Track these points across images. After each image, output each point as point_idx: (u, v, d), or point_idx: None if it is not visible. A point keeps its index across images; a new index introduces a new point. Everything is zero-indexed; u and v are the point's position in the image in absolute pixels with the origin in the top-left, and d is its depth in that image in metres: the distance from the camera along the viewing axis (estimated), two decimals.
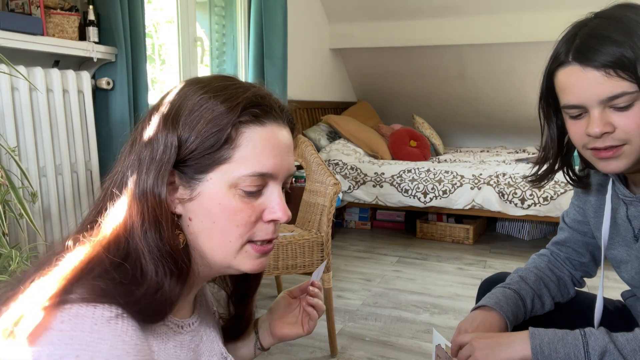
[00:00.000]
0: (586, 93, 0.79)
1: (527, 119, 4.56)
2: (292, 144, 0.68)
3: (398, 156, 3.96)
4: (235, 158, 0.61)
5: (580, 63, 0.78)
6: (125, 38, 2.02)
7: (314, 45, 4.29)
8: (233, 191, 0.61)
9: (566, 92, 0.82)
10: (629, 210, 0.94)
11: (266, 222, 0.65)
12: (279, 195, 0.65)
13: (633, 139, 0.79)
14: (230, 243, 0.63)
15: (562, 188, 3.03)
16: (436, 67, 4.55)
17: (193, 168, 0.61)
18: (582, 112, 0.82)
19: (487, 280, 1.18)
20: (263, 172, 0.62)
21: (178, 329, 0.66)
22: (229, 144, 0.60)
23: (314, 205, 1.97)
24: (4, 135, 1.64)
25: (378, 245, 3.45)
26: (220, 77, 0.66)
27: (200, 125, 0.60)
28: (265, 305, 2.38)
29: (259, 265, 0.66)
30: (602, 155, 0.82)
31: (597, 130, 0.79)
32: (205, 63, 3.01)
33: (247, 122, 0.62)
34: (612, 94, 0.77)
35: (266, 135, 0.63)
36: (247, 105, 0.62)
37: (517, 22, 3.97)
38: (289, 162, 0.66)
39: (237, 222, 0.62)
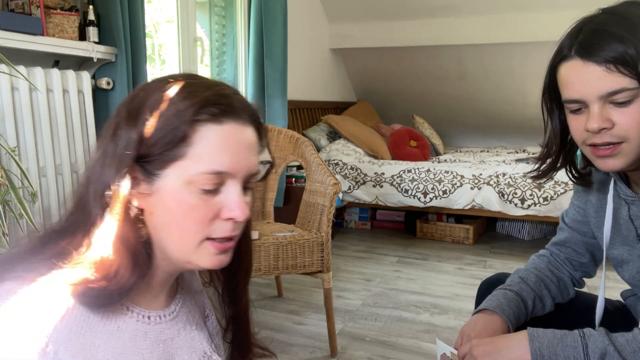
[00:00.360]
0: (586, 88, 0.79)
1: (527, 119, 4.56)
2: (254, 143, 0.67)
3: (398, 156, 3.96)
4: (190, 155, 0.62)
5: (582, 58, 0.79)
6: (125, 38, 2.02)
7: (314, 45, 4.29)
8: (190, 188, 0.62)
9: (567, 87, 0.82)
10: (631, 210, 0.93)
11: (224, 219, 0.65)
12: (237, 193, 0.65)
13: (631, 137, 0.79)
14: (188, 239, 0.64)
15: (562, 188, 3.03)
16: (436, 67, 4.55)
17: (152, 164, 0.62)
18: (582, 107, 0.82)
19: (486, 281, 1.18)
20: (218, 170, 0.63)
21: (142, 319, 0.67)
22: (184, 141, 0.61)
23: (314, 205, 1.97)
24: (4, 135, 1.64)
25: (378, 245, 3.45)
26: (187, 75, 0.67)
27: (159, 122, 0.61)
28: (265, 306, 2.38)
29: (218, 262, 0.67)
30: (600, 154, 0.82)
31: (595, 126, 0.79)
32: (205, 63, 3.02)
33: (204, 121, 0.62)
34: (612, 89, 0.77)
35: (223, 133, 0.63)
36: (205, 103, 0.62)
37: (517, 22, 3.97)
38: (249, 161, 0.66)
39: (194, 219, 0.63)
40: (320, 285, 2.55)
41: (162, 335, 0.70)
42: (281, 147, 2.35)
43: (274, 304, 2.40)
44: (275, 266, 1.80)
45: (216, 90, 0.65)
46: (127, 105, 0.65)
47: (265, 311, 2.32)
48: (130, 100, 0.65)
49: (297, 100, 3.87)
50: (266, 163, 2.34)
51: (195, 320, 0.78)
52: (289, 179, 3.27)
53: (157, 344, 0.68)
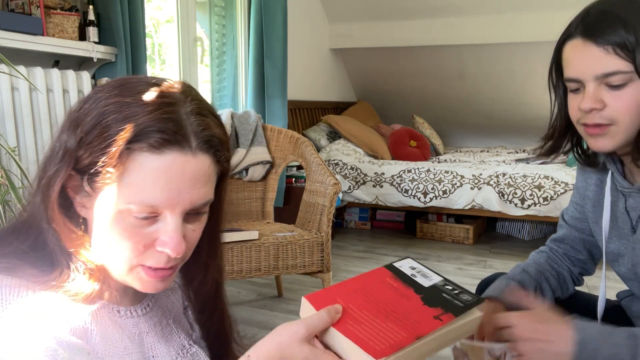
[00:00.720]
0: (584, 67, 0.82)
1: (527, 119, 4.56)
2: (203, 174, 0.60)
3: (398, 156, 3.96)
4: (123, 183, 0.57)
5: (584, 37, 0.81)
6: (125, 38, 2.02)
7: (314, 45, 4.29)
8: (124, 215, 0.58)
9: (568, 65, 0.85)
10: (628, 201, 0.94)
11: (158, 250, 0.61)
12: (174, 228, 0.59)
13: (620, 120, 0.81)
14: (119, 262, 0.61)
15: (562, 188, 3.03)
16: (436, 67, 4.55)
17: (89, 181, 0.59)
18: (580, 87, 0.84)
19: (484, 281, 1.18)
20: (151, 204, 0.58)
21: (115, 312, 0.67)
22: (118, 168, 0.56)
23: (314, 205, 1.97)
24: (4, 135, 1.64)
25: (378, 245, 3.45)
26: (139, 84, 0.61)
27: (96, 140, 0.57)
28: (265, 306, 2.38)
29: (153, 288, 0.63)
30: (590, 132, 0.85)
31: (587, 106, 0.82)
32: (205, 63, 3.02)
33: (141, 149, 0.56)
34: (607, 70, 0.79)
35: (161, 166, 0.57)
36: (145, 129, 0.56)
37: (517, 22, 3.97)
38: (191, 195, 0.59)
39: (124, 246, 0.59)
40: (320, 285, 2.54)
41: (136, 329, 0.68)
42: (281, 147, 2.35)
43: (274, 304, 2.40)
44: (275, 266, 1.80)
45: (164, 112, 0.57)
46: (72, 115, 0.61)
47: (265, 311, 2.32)
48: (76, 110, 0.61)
49: (297, 100, 3.87)
50: (266, 163, 2.34)
51: (172, 314, 0.77)
52: (289, 179, 3.27)
53: (133, 337, 0.67)
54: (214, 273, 0.75)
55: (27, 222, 0.63)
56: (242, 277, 1.78)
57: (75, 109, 0.61)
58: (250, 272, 1.78)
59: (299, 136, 2.28)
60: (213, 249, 0.74)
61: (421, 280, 0.74)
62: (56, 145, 0.60)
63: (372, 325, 0.62)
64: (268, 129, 2.43)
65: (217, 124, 0.63)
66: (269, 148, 2.37)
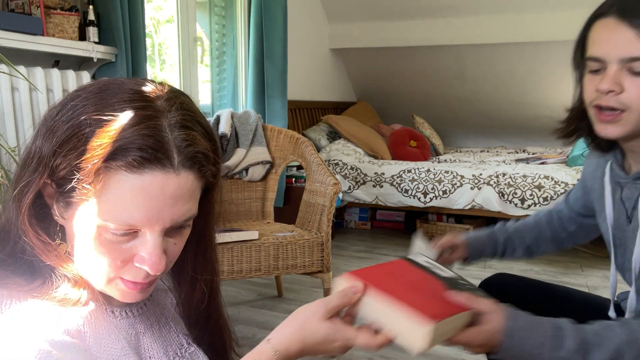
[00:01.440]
0: (611, 47, 0.81)
1: (527, 119, 4.56)
2: (185, 193, 0.57)
3: (398, 156, 3.96)
4: (102, 200, 0.54)
5: (618, 17, 0.80)
6: (125, 38, 2.03)
7: (314, 45, 4.29)
8: (101, 230, 0.56)
9: (594, 44, 0.84)
10: (623, 192, 0.95)
11: (136, 266, 0.59)
12: (153, 245, 0.57)
13: (634, 107, 0.81)
14: (97, 275, 0.60)
15: (562, 188, 3.03)
16: (436, 67, 4.55)
17: (65, 193, 0.56)
18: (601, 68, 0.83)
19: (485, 281, 1.18)
20: (130, 223, 0.55)
21: (109, 314, 0.65)
22: (94, 185, 0.54)
23: (314, 205, 1.97)
24: (4, 135, 1.64)
25: (378, 245, 3.45)
26: (119, 91, 0.57)
27: (72, 153, 0.54)
28: (265, 306, 2.38)
29: (132, 299, 0.62)
30: (602, 118, 0.84)
31: (606, 87, 0.81)
32: (205, 63, 3.02)
33: (119, 167, 0.53)
34: (633, 55, 0.78)
35: (140, 185, 0.54)
36: (124, 147, 0.53)
37: (517, 22, 3.97)
38: (172, 213, 0.57)
39: (102, 261, 0.58)
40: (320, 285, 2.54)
41: (132, 330, 0.67)
42: (281, 147, 2.35)
43: (274, 304, 2.40)
44: (275, 266, 1.80)
45: (144, 127, 0.54)
46: (48, 120, 0.57)
47: (265, 311, 2.32)
48: (53, 115, 0.57)
49: (297, 100, 3.87)
50: (266, 163, 2.34)
51: (171, 313, 0.75)
52: (289, 179, 3.27)
53: (129, 338, 0.66)
54: (202, 287, 0.72)
55: (5, 229, 0.60)
56: (242, 277, 1.78)
57: (52, 113, 0.57)
58: (250, 272, 1.78)
59: (299, 136, 2.28)
60: (200, 263, 0.71)
61: (438, 271, 0.79)
62: (31, 151, 0.57)
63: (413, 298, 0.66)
64: (268, 129, 2.43)
65: (204, 136, 0.59)
66: (269, 148, 2.38)
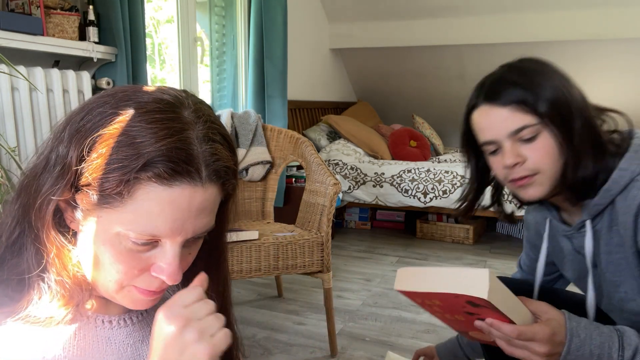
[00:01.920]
0: (496, 128, 0.90)
1: None
2: (210, 203, 0.58)
3: (398, 156, 3.96)
4: (127, 209, 0.54)
5: (488, 103, 0.90)
6: (125, 38, 2.02)
7: (314, 45, 4.29)
8: (121, 239, 0.56)
9: (481, 131, 0.93)
10: (574, 242, 0.99)
11: (152, 275, 0.59)
12: (173, 255, 0.57)
13: (542, 168, 0.88)
14: (110, 282, 0.59)
15: None
16: (436, 67, 4.55)
17: (87, 200, 0.55)
18: (497, 148, 0.91)
19: None
20: (154, 234, 0.55)
21: (102, 324, 0.64)
22: (122, 195, 0.54)
23: (314, 205, 1.97)
24: (4, 135, 1.64)
25: (378, 245, 3.45)
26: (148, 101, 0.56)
27: (102, 160, 0.54)
28: (265, 306, 2.38)
29: (143, 306, 0.62)
30: (518, 184, 0.91)
31: (509, 162, 0.89)
32: (205, 63, 3.01)
33: (149, 179, 0.53)
34: (516, 127, 0.87)
35: (169, 198, 0.54)
36: (156, 158, 0.53)
37: (517, 22, 3.97)
38: (195, 224, 0.57)
39: (118, 269, 0.57)
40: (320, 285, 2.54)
41: (130, 339, 0.65)
42: (281, 147, 2.35)
43: (274, 304, 2.40)
44: (275, 266, 1.80)
45: (176, 140, 0.54)
46: (72, 125, 0.57)
47: (265, 311, 2.32)
48: (77, 120, 0.57)
49: (297, 100, 3.87)
50: (266, 163, 2.34)
51: None
52: (289, 179, 3.27)
53: (125, 349, 0.64)
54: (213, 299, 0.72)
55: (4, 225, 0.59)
56: (242, 277, 1.78)
57: (77, 118, 0.57)
58: (250, 272, 1.78)
59: (299, 136, 2.28)
60: (212, 275, 0.70)
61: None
62: (52, 156, 0.57)
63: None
64: (268, 129, 2.43)
65: (227, 148, 0.60)
66: (269, 148, 2.37)
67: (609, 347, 0.81)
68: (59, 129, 0.58)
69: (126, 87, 0.60)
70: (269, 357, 1.90)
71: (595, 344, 0.82)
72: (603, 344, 0.81)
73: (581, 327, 0.83)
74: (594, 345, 0.81)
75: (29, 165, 0.60)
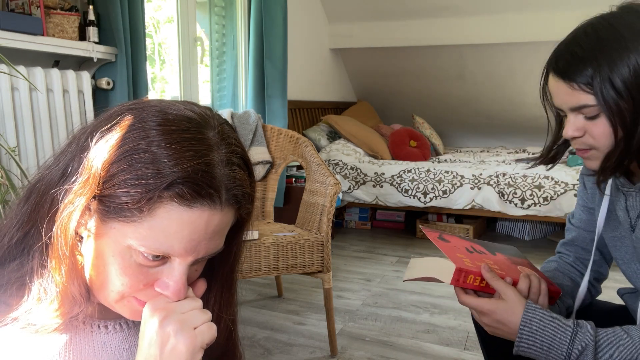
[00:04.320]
0: (560, 100, 0.87)
1: (527, 119, 4.56)
2: (224, 226, 0.59)
3: (398, 156, 3.96)
4: (144, 224, 0.54)
5: (554, 74, 0.87)
6: (125, 38, 2.02)
7: (314, 45, 4.29)
8: (132, 252, 0.56)
9: (552, 95, 0.90)
10: (628, 201, 0.96)
11: (157, 290, 0.59)
12: (181, 274, 0.57)
13: (599, 146, 0.86)
14: (111, 292, 0.58)
15: (562, 188, 3.03)
16: (436, 67, 4.55)
17: (104, 210, 0.55)
18: (564, 115, 0.89)
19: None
20: (168, 252, 0.56)
21: (98, 329, 0.64)
22: (141, 211, 0.54)
23: (314, 205, 1.97)
24: (4, 135, 1.64)
25: (378, 245, 3.45)
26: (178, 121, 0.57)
27: (126, 175, 0.54)
28: (265, 306, 2.38)
29: (140, 317, 0.60)
30: (579, 154, 0.91)
31: (567, 135, 0.88)
32: (205, 63, 3.02)
33: (171, 198, 0.54)
34: (577, 104, 0.84)
35: (188, 219, 0.55)
36: (179, 180, 0.53)
37: (517, 22, 3.97)
38: (208, 246, 0.58)
39: (123, 281, 0.57)
40: (320, 285, 2.54)
41: (125, 344, 0.65)
42: (281, 147, 2.35)
43: (274, 304, 2.40)
44: (275, 266, 1.80)
45: (200, 163, 0.55)
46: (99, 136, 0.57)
47: (265, 311, 2.32)
48: (107, 128, 0.57)
49: (297, 100, 3.87)
50: (266, 163, 2.34)
51: None
52: (289, 179, 3.27)
53: (120, 353, 0.64)
54: (228, 324, 0.71)
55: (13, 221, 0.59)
56: (242, 277, 1.78)
57: (104, 127, 0.57)
58: (250, 272, 1.78)
59: (299, 136, 2.28)
60: (226, 300, 0.70)
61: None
62: (73, 163, 0.57)
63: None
64: (268, 129, 2.43)
65: (247, 173, 0.61)
66: (269, 148, 2.37)
67: (560, 340, 0.84)
68: (81, 135, 0.58)
69: (155, 101, 0.60)
70: (269, 357, 1.89)
71: (547, 335, 0.85)
72: (554, 336, 0.84)
73: (536, 318, 0.86)
74: (545, 337, 0.85)
75: (43, 169, 0.60)
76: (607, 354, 0.81)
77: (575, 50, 0.84)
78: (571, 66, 0.83)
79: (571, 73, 0.83)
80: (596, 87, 0.80)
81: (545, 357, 0.85)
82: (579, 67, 0.82)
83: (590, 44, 0.82)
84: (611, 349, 0.81)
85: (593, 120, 0.84)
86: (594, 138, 0.85)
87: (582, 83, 0.82)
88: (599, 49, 0.81)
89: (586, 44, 0.83)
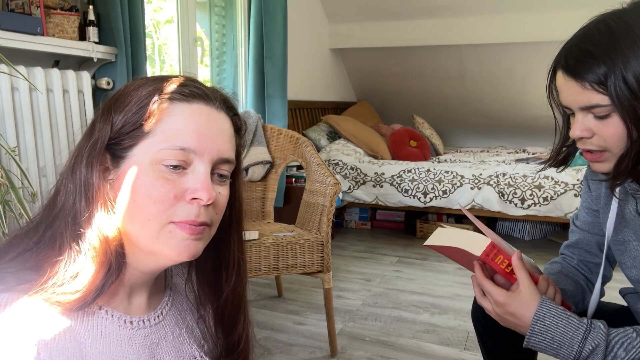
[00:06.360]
0: (569, 99, 0.84)
1: (527, 119, 4.56)
2: (227, 130, 0.66)
3: (398, 156, 3.96)
4: (156, 132, 0.61)
5: (564, 72, 0.83)
6: (125, 38, 2.02)
7: (314, 45, 4.29)
8: (154, 167, 0.61)
9: (559, 93, 0.87)
10: (638, 204, 0.94)
11: (189, 201, 0.62)
12: (204, 173, 0.62)
13: (610, 147, 0.83)
14: (149, 222, 0.61)
15: (562, 188, 3.03)
16: (436, 67, 4.55)
17: (120, 147, 0.62)
18: (572, 113, 0.87)
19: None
20: (183, 146, 0.61)
21: (124, 324, 0.65)
22: (150, 119, 0.61)
23: (314, 205, 1.97)
24: (4, 135, 1.64)
25: (378, 245, 3.45)
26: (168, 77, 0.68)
27: (128, 105, 0.62)
28: (265, 306, 2.38)
29: (186, 250, 0.63)
30: (586, 157, 0.87)
31: (575, 135, 0.85)
32: (205, 63, 3.02)
33: (172, 99, 0.63)
34: (588, 104, 0.81)
35: (191, 111, 0.63)
36: (176, 84, 0.64)
37: (517, 22, 3.97)
38: (218, 143, 0.64)
39: (155, 198, 0.60)
40: (320, 285, 2.54)
41: (147, 340, 0.68)
42: (281, 147, 2.35)
43: (274, 304, 2.40)
44: (275, 266, 1.80)
45: (189, 78, 0.67)
46: (104, 103, 0.66)
47: (265, 311, 2.32)
48: (109, 97, 0.66)
49: (297, 100, 3.87)
50: (266, 163, 2.34)
51: (186, 323, 0.75)
52: (289, 179, 3.27)
53: (143, 349, 0.67)
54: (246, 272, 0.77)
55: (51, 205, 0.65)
56: None
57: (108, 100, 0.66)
58: (250, 272, 1.78)
59: (299, 136, 2.27)
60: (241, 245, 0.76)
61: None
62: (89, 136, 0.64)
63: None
64: (268, 129, 2.43)
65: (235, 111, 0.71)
66: (269, 148, 2.37)
67: (572, 337, 0.83)
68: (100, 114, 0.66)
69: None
70: (269, 357, 1.89)
71: (559, 332, 0.84)
72: (566, 333, 0.83)
73: (550, 314, 0.85)
74: (557, 333, 0.84)
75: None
76: (617, 354, 0.81)
77: (587, 48, 0.80)
78: (583, 64, 0.80)
79: (583, 71, 0.80)
80: (610, 87, 0.78)
81: (555, 353, 0.85)
82: (592, 65, 0.79)
83: (603, 41, 0.79)
84: (621, 348, 0.81)
85: (603, 120, 0.81)
86: (605, 139, 0.82)
87: (594, 82, 0.79)
88: (613, 47, 0.78)
89: (599, 41, 0.79)
